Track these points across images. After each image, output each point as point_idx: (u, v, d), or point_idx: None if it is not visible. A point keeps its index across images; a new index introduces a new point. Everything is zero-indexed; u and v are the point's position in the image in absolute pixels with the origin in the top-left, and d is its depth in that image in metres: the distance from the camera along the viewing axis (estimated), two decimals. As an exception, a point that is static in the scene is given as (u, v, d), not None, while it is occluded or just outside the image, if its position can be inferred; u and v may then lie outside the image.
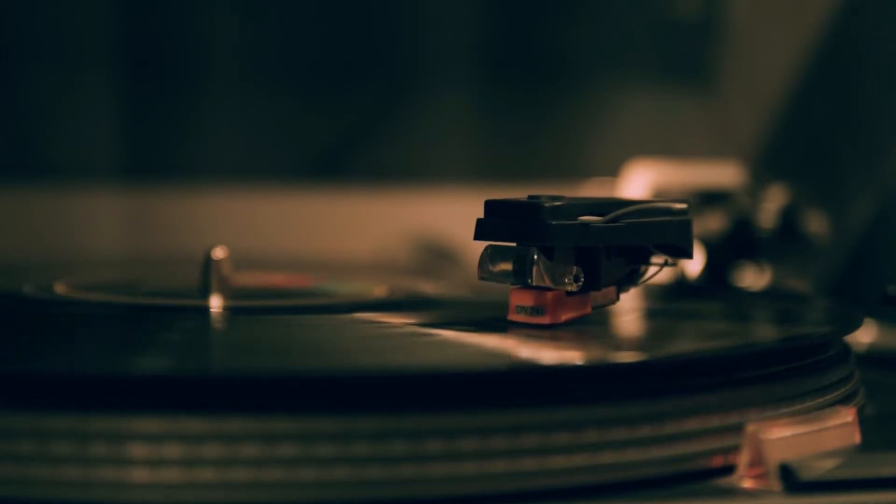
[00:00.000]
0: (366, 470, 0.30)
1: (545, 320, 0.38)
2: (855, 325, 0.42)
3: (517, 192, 0.40)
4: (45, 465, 0.30)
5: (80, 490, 0.30)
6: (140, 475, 0.30)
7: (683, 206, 0.41)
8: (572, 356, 0.36)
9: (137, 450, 0.30)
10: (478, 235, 0.39)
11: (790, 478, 0.33)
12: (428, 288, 0.52)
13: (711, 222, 0.60)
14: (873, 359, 0.51)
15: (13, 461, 0.30)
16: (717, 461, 0.34)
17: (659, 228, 0.40)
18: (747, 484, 0.33)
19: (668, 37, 0.78)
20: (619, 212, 0.39)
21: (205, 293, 0.46)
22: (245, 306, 0.45)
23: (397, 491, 0.31)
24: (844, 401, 0.38)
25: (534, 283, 0.38)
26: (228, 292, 0.46)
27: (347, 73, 0.77)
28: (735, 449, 0.34)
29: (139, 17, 0.75)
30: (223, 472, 0.30)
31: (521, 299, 0.39)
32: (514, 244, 0.38)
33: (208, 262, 0.46)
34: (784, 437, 0.34)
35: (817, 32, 0.68)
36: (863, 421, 0.37)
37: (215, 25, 0.75)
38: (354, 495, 0.30)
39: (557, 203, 0.38)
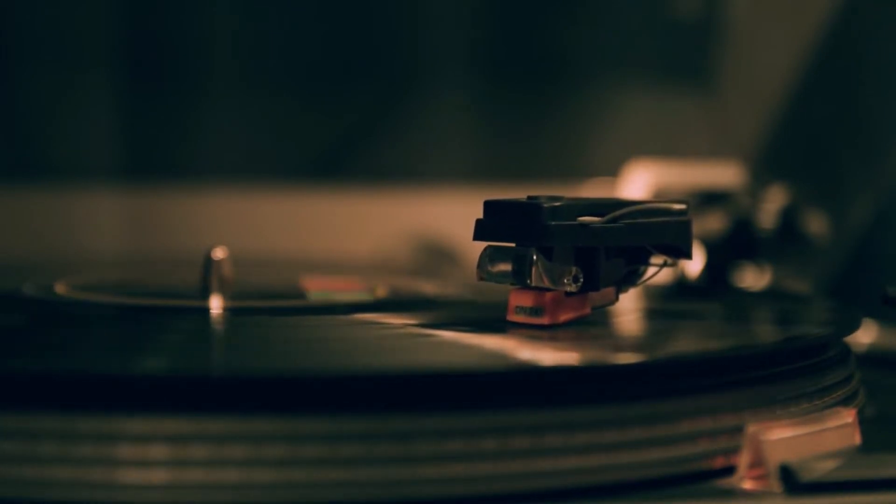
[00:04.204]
0: (355, 471, 0.30)
1: (544, 321, 0.38)
2: (855, 326, 0.42)
3: (517, 193, 0.40)
4: (52, 466, 0.30)
5: (59, 491, 0.30)
6: (129, 475, 0.30)
7: (682, 206, 0.41)
8: (571, 357, 0.36)
9: (125, 450, 0.30)
10: (477, 236, 0.39)
11: (790, 479, 0.32)
12: (428, 288, 0.52)
13: (711, 222, 0.60)
14: (873, 359, 0.51)
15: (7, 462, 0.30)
16: (718, 462, 0.34)
17: (658, 229, 0.40)
18: (748, 485, 0.33)
19: (668, 37, 0.78)
20: (618, 212, 0.39)
21: (205, 293, 0.46)
22: (245, 307, 0.45)
23: (386, 492, 0.30)
24: (845, 402, 0.38)
25: (533, 284, 0.38)
26: (228, 293, 0.46)
27: (347, 73, 0.77)
28: (735, 450, 0.34)
29: (139, 17, 0.75)
30: (213, 472, 0.30)
31: (520, 300, 0.39)
32: (513, 245, 0.38)
33: (208, 262, 0.46)
34: (784, 438, 0.34)
35: (817, 32, 0.68)
36: (863, 422, 0.37)
37: (215, 25, 0.75)
38: (340, 496, 0.30)
39: (556, 203, 0.38)
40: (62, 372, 0.32)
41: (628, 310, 0.45)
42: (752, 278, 0.60)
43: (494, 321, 0.40)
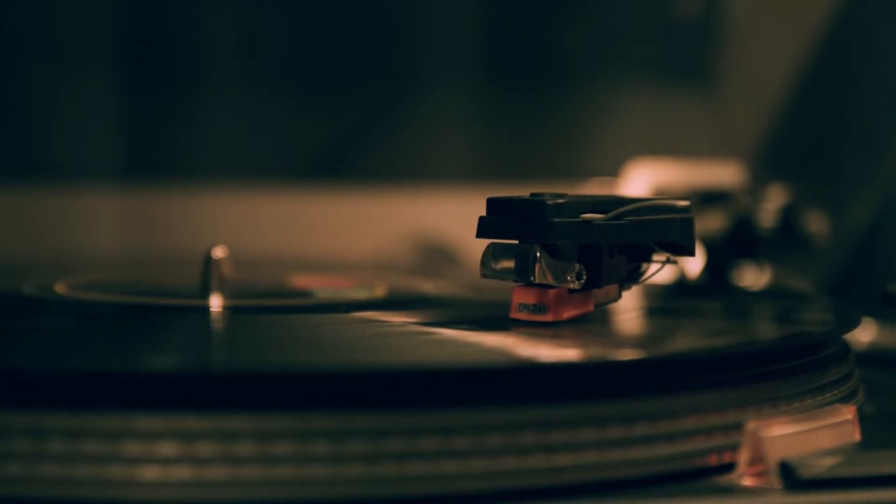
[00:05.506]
0: (347, 470, 0.30)
1: (547, 318, 0.38)
2: (854, 324, 0.42)
3: (517, 192, 0.40)
4: (49, 465, 0.30)
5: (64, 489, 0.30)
6: (135, 473, 0.30)
7: (685, 203, 0.41)
8: (573, 354, 0.36)
9: (133, 448, 0.30)
10: (480, 233, 0.39)
11: (790, 475, 0.33)
12: (428, 288, 0.52)
13: (711, 222, 0.60)
14: (873, 358, 0.51)
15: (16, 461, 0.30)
16: (718, 459, 0.34)
17: (661, 226, 0.40)
18: (747, 482, 0.33)
19: (668, 37, 0.78)
20: (622, 209, 0.39)
21: (205, 293, 0.46)
22: (245, 306, 0.45)
23: (390, 489, 0.31)
24: (844, 399, 0.38)
25: (536, 281, 0.38)
26: (228, 292, 0.46)
27: (347, 73, 0.77)
28: (735, 447, 0.34)
29: (139, 17, 0.75)
30: (209, 471, 0.30)
31: (523, 297, 0.39)
32: (516, 242, 0.38)
33: (208, 262, 0.46)
34: (784, 434, 0.34)
35: (817, 32, 0.68)
36: (862, 419, 0.37)
37: (215, 25, 0.75)
38: (344, 493, 0.30)
39: (560, 200, 0.38)
40: (67, 370, 0.32)
41: (630, 308, 0.45)
42: (753, 277, 0.60)
43: (496, 319, 0.40)
